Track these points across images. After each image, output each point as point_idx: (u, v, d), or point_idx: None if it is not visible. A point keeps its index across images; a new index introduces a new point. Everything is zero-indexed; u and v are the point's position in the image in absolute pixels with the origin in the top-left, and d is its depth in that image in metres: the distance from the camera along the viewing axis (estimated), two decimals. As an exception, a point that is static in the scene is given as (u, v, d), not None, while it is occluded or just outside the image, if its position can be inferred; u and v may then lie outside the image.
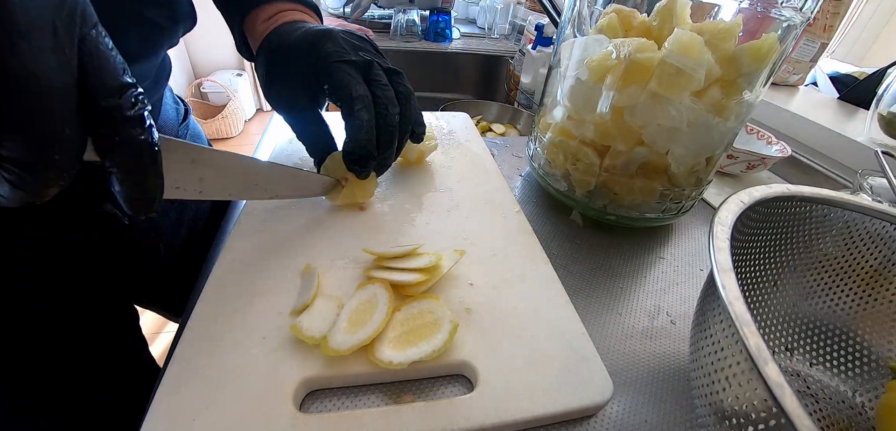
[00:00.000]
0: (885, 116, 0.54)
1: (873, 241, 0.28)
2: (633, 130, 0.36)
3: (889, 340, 0.27)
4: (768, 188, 0.26)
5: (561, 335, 0.28)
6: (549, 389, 0.25)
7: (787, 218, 0.28)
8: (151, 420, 0.21)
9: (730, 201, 0.24)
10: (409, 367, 0.24)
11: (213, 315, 0.27)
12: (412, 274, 0.28)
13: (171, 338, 0.28)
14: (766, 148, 0.55)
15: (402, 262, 0.30)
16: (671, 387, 0.28)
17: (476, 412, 0.23)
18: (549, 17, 0.60)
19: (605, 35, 0.37)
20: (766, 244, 0.29)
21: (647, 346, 0.31)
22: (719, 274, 0.19)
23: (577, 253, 0.39)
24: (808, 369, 0.29)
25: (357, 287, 0.29)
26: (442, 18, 1.09)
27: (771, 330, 0.30)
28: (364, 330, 0.25)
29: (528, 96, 0.85)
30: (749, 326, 0.17)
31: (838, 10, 0.70)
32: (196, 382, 0.23)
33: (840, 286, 0.29)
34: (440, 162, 0.46)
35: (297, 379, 0.24)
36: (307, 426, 0.22)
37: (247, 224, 0.34)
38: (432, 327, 0.26)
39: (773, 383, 0.15)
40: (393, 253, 0.31)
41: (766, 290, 0.30)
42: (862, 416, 0.27)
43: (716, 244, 0.21)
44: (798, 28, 0.33)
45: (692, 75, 0.32)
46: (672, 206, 0.40)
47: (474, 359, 0.26)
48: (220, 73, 2.38)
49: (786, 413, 0.15)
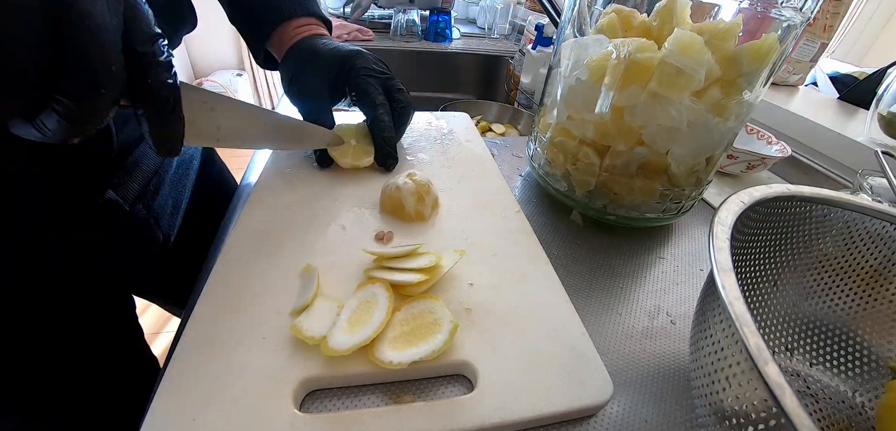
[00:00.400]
0: (885, 116, 0.54)
1: (873, 241, 0.28)
2: (633, 130, 0.36)
3: (889, 340, 0.27)
4: (768, 188, 0.26)
5: (561, 335, 0.28)
6: (549, 389, 0.25)
7: (787, 218, 0.28)
8: (151, 420, 0.21)
9: (730, 201, 0.24)
10: (409, 367, 0.24)
11: (213, 314, 0.27)
12: (412, 274, 0.28)
13: (172, 338, 0.28)
14: (766, 148, 0.55)
15: (403, 262, 0.30)
16: (671, 387, 0.28)
17: (476, 412, 0.23)
18: (549, 17, 0.60)
19: (605, 35, 0.37)
20: (766, 244, 0.29)
21: (647, 346, 0.31)
22: (719, 274, 0.19)
23: (577, 253, 0.39)
24: (808, 369, 0.29)
25: (357, 287, 0.29)
26: (442, 18, 1.09)
27: (771, 330, 0.30)
28: (364, 330, 0.25)
29: (528, 96, 0.85)
30: (749, 326, 0.17)
31: (838, 10, 0.70)
32: (196, 382, 0.23)
33: (840, 286, 0.29)
34: (440, 162, 0.46)
35: (297, 380, 0.24)
36: (307, 426, 0.22)
37: (246, 222, 0.34)
38: (432, 327, 0.26)
39: (774, 383, 0.15)
40: (393, 253, 0.31)
41: (766, 290, 0.30)
42: (862, 416, 0.27)
43: (716, 244, 0.21)
44: (798, 28, 0.33)
45: (692, 75, 0.32)
46: (672, 206, 0.40)
47: (474, 359, 0.26)
48: (220, 73, 2.38)
49: (786, 413, 0.14)
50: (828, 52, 0.83)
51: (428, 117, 0.56)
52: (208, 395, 0.22)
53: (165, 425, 0.21)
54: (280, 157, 0.43)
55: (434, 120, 0.56)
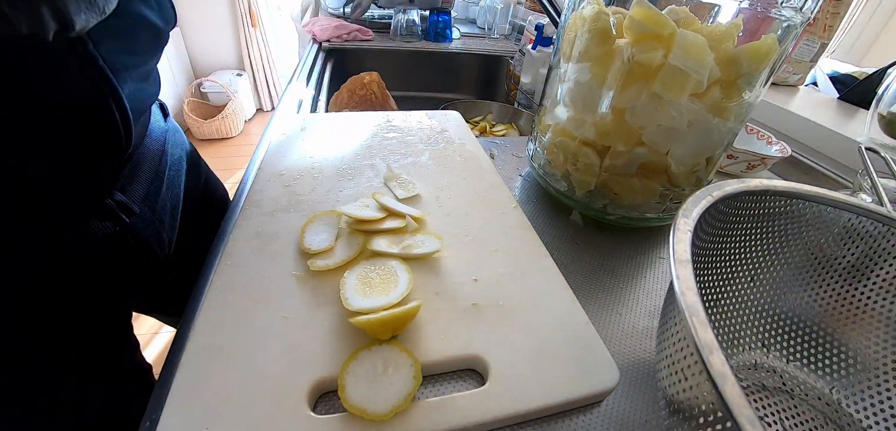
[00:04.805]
0: (885, 116, 0.54)
1: (850, 237, 0.28)
2: (634, 130, 0.36)
3: (866, 336, 0.27)
4: (740, 182, 0.26)
5: (566, 325, 0.29)
6: (558, 378, 0.25)
7: (762, 213, 0.28)
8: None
9: (698, 194, 0.24)
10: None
11: (217, 322, 0.26)
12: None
13: (168, 339, 0.28)
14: (766, 148, 0.55)
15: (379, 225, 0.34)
16: (671, 387, 0.28)
17: (489, 405, 0.23)
18: (549, 17, 0.60)
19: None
20: (742, 239, 0.29)
21: (647, 346, 0.31)
22: (675, 265, 0.19)
23: (577, 253, 0.39)
24: (784, 365, 0.29)
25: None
26: (442, 18, 1.09)
27: (747, 325, 0.30)
28: (381, 298, 0.27)
29: (528, 96, 0.85)
30: (698, 316, 0.16)
31: (838, 10, 0.70)
32: (205, 392, 0.23)
33: (817, 282, 0.29)
34: (436, 161, 0.46)
35: (309, 381, 0.24)
36: (323, 427, 0.22)
37: (244, 227, 0.34)
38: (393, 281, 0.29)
39: (716, 373, 0.15)
40: (370, 218, 0.34)
41: (742, 286, 0.29)
42: (838, 413, 0.27)
43: (676, 235, 0.21)
44: (798, 28, 0.33)
45: (695, 76, 0.32)
46: (672, 206, 0.40)
47: (484, 353, 0.26)
48: (220, 73, 2.38)
49: (726, 404, 0.14)
50: (828, 52, 0.83)
51: (419, 117, 0.56)
52: (219, 405, 0.22)
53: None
54: (275, 160, 0.43)
55: (426, 119, 0.56)
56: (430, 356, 0.26)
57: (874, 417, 0.26)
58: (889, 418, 0.25)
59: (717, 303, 0.29)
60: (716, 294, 0.29)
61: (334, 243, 0.32)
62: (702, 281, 0.27)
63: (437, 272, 0.32)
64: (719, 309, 0.29)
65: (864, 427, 0.26)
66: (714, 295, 0.29)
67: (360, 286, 0.28)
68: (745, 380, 0.28)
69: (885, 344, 0.26)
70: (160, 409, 0.22)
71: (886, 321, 0.26)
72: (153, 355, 1.13)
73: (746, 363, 0.29)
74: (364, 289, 0.28)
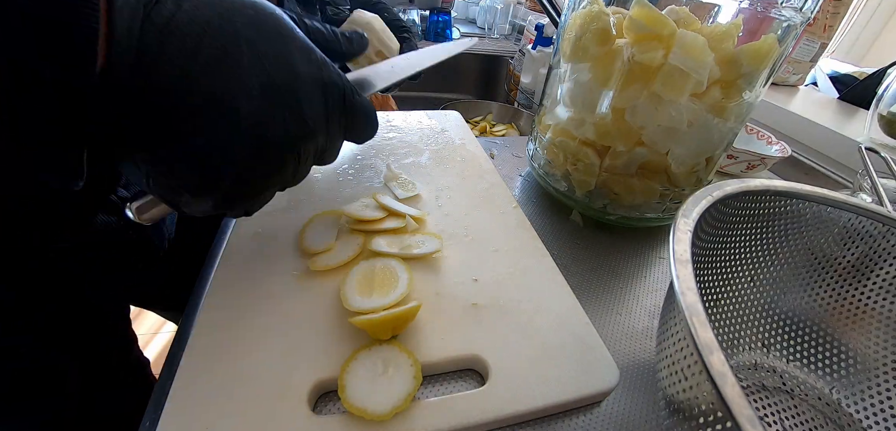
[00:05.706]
0: (885, 116, 0.54)
1: (850, 237, 0.28)
2: (633, 130, 0.36)
3: (866, 336, 0.27)
4: (740, 182, 0.26)
5: (566, 325, 0.29)
6: (559, 378, 0.25)
7: (762, 213, 0.28)
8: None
9: (698, 195, 0.24)
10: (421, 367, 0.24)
11: (218, 322, 0.26)
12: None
13: (168, 338, 0.28)
14: (766, 148, 0.55)
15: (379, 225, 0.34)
16: (671, 387, 0.28)
17: (490, 405, 0.23)
18: (549, 17, 0.60)
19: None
20: (742, 239, 0.28)
21: (647, 346, 0.31)
22: (675, 265, 0.19)
23: (577, 254, 0.39)
24: (784, 365, 0.29)
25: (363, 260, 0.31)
26: (442, 18, 1.09)
27: (746, 325, 0.30)
28: (381, 298, 0.27)
29: (528, 96, 0.85)
30: (699, 316, 0.17)
31: (838, 10, 0.70)
32: (206, 392, 0.23)
33: (817, 282, 0.29)
34: (436, 161, 0.46)
35: (310, 382, 0.23)
36: (322, 427, 0.22)
37: (244, 227, 0.34)
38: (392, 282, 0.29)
39: (716, 372, 0.15)
40: (370, 218, 0.34)
41: (743, 286, 0.29)
42: (838, 413, 0.27)
43: (676, 235, 0.21)
44: (798, 28, 0.33)
45: (695, 77, 0.32)
46: (672, 206, 0.40)
47: (484, 353, 0.26)
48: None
49: (726, 403, 0.14)
50: (828, 52, 0.83)
51: (419, 116, 0.56)
52: (220, 405, 0.22)
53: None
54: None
55: (426, 119, 0.56)
56: (430, 356, 0.25)
57: (874, 417, 0.26)
58: (889, 418, 0.25)
59: (717, 303, 0.29)
60: (716, 294, 0.29)
61: (334, 243, 0.32)
62: (702, 281, 0.27)
63: (437, 272, 0.32)
64: (719, 309, 0.29)
65: (864, 427, 0.26)
66: (714, 295, 0.28)
67: (361, 286, 0.28)
68: (745, 380, 0.28)
69: (885, 344, 0.26)
70: (160, 409, 0.22)
71: (886, 321, 0.26)
72: (153, 354, 1.13)
73: (746, 363, 0.29)
74: (364, 289, 0.28)
